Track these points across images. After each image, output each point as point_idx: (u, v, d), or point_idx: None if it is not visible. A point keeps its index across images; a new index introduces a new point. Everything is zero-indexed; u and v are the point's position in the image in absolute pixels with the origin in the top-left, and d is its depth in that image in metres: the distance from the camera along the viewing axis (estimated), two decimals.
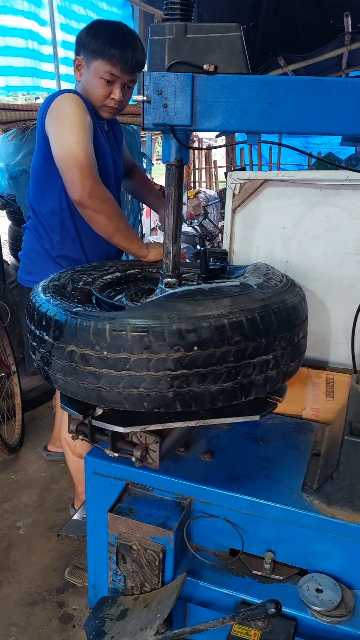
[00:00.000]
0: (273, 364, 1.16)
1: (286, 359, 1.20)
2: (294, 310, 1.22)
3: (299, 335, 1.24)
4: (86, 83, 1.91)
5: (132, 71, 1.88)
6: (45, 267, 2.00)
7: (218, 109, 1.11)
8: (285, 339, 1.18)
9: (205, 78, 1.09)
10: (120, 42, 1.82)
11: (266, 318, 1.14)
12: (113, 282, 1.65)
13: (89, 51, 1.85)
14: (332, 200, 1.64)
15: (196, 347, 1.06)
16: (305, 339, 1.30)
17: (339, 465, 1.20)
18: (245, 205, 1.76)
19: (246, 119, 1.10)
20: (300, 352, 1.27)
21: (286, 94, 1.07)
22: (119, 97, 1.90)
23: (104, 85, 1.88)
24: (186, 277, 1.66)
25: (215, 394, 1.11)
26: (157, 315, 1.09)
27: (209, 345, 1.07)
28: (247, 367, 1.12)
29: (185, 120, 1.12)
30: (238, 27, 1.10)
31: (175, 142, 1.19)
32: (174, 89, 1.10)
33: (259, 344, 1.12)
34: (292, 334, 1.20)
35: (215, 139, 11.11)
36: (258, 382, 1.15)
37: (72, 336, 1.12)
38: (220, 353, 1.08)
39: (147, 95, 1.11)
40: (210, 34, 1.09)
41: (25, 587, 1.97)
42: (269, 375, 1.17)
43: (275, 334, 1.15)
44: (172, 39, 1.09)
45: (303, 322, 1.26)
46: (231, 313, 1.11)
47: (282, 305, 1.19)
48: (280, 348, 1.17)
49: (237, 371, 1.11)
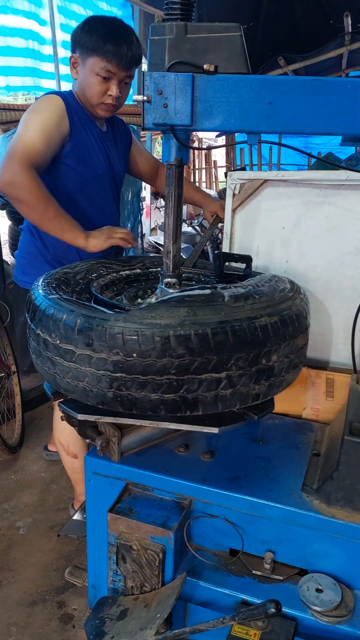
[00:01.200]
0: (226, 383, 1.09)
1: (246, 380, 1.12)
2: (263, 330, 1.11)
3: (269, 358, 1.13)
4: (82, 81, 1.89)
5: (128, 66, 1.86)
6: (40, 267, 1.99)
7: (218, 109, 1.11)
8: (245, 359, 1.09)
9: (205, 78, 1.09)
10: (115, 38, 1.80)
11: (220, 335, 1.06)
12: (129, 278, 1.65)
13: (84, 48, 1.83)
14: (332, 201, 1.64)
15: (135, 354, 1.06)
16: (285, 361, 1.18)
17: (339, 465, 1.20)
18: (245, 205, 1.76)
19: (246, 119, 1.10)
20: (271, 375, 1.16)
21: (286, 94, 1.07)
22: (116, 94, 1.88)
23: (101, 82, 1.86)
24: (204, 280, 1.65)
25: (156, 403, 1.10)
26: (105, 316, 1.11)
27: (150, 354, 1.05)
28: (192, 383, 1.07)
29: (186, 120, 1.12)
30: (238, 27, 1.10)
31: (176, 142, 1.18)
32: (174, 89, 1.10)
33: (207, 361, 1.06)
34: (255, 355, 1.11)
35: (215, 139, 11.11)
36: (206, 399, 1.10)
37: (39, 320, 1.19)
38: (161, 364, 1.05)
39: (147, 95, 1.11)
40: (211, 33, 1.09)
41: (25, 587, 1.97)
42: (220, 395, 1.10)
43: (231, 352, 1.07)
44: (173, 39, 1.09)
45: (279, 344, 1.14)
46: (181, 325, 1.06)
47: (248, 324, 1.10)
48: (237, 368, 1.09)
49: (179, 385, 1.08)
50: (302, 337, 1.23)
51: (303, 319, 1.24)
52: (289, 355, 1.19)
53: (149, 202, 6.77)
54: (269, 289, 1.27)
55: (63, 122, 1.83)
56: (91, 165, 1.95)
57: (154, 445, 1.43)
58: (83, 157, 1.91)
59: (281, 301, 1.22)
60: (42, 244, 2.01)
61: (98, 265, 1.62)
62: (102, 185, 2.03)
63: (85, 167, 1.93)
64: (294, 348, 1.20)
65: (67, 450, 2.13)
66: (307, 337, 1.29)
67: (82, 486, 2.18)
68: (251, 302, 1.18)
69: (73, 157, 1.90)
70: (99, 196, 2.03)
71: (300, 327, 1.22)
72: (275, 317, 1.15)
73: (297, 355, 1.23)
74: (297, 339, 1.20)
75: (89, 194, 1.98)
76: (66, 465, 2.20)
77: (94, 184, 1.98)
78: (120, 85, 1.89)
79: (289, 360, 1.20)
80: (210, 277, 1.65)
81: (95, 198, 2.01)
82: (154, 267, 1.70)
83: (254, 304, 1.18)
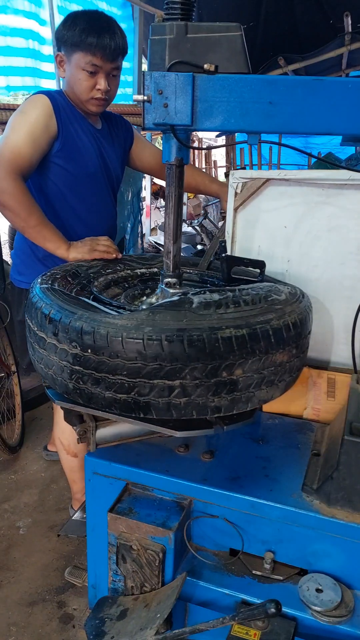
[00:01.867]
0: (179, 392, 1.08)
1: (203, 391, 1.08)
2: (225, 342, 1.06)
3: (231, 371, 1.09)
4: (70, 78, 1.87)
5: (113, 57, 1.83)
6: (34, 267, 1.99)
7: (219, 109, 1.11)
8: (202, 370, 1.06)
9: (205, 78, 1.09)
10: (96, 30, 1.78)
11: (175, 343, 1.04)
12: (143, 277, 1.65)
13: (68, 44, 1.81)
14: (333, 200, 1.64)
15: (90, 350, 1.08)
16: (254, 377, 1.12)
17: (339, 465, 1.20)
18: (247, 204, 1.76)
19: (247, 119, 1.10)
20: (234, 389, 1.11)
21: (287, 94, 1.07)
22: (104, 87, 1.85)
23: (88, 77, 1.83)
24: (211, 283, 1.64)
25: (110, 401, 1.12)
26: (74, 309, 1.16)
27: (102, 352, 1.08)
28: (143, 387, 1.08)
29: (186, 119, 1.12)
30: (239, 27, 1.10)
31: (176, 142, 1.18)
32: (175, 89, 1.10)
33: (159, 367, 1.06)
34: (214, 367, 1.07)
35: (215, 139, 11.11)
36: (158, 404, 1.09)
37: (27, 307, 1.31)
38: (113, 364, 1.07)
39: (147, 95, 1.11)
40: (211, 33, 1.09)
41: (25, 587, 1.97)
42: (173, 402, 1.09)
43: (185, 361, 1.05)
44: (173, 39, 1.09)
45: (245, 358, 1.09)
46: (136, 328, 1.07)
47: (208, 334, 1.06)
48: (192, 378, 1.06)
49: (131, 387, 1.09)
50: (281, 354, 1.15)
51: (283, 335, 1.15)
52: (261, 371, 1.12)
53: (149, 202, 6.77)
54: (253, 299, 1.23)
55: (50, 121, 1.82)
56: (82, 163, 1.93)
57: (154, 445, 1.43)
58: (73, 155, 1.90)
59: (260, 314, 1.16)
60: (32, 243, 2.00)
61: (117, 261, 1.69)
62: (95, 183, 2.01)
63: (75, 165, 1.91)
64: (268, 364, 1.13)
65: (67, 449, 2.13)
66: (295, 354, 1.20)
67: (79, 485, 2.18)
68: (222, 311, 1.15)
69: (62, 156, 1.89)
70: (92, 194, 2.01)
71: (279, 343, 1.14)
72: (243, 330, 1.09)
73: (275, 372, 1.16)
74: (272, 355, 1.13)
75: (80, 193, 1.97)
76: (65, 464, 2.20)
77: (85, 182, 1.96)
78: (108, 78, 1.87)
79: (261, 377, 1.13)
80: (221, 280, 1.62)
81: (87, 196, 1.99)
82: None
83: (224, 314, 1.14)
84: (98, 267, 1.63)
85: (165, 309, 1.15)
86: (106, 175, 2.05)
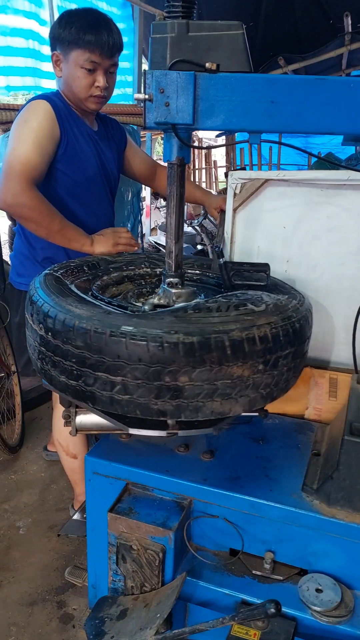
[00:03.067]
0: (120, 388, 1.09)
1: (144, 392, 1.07)
2: (170, 347, 1.04)
3: (174, 377, 1.06)
4: (67, 77, 1.85)
5: (111, 54, 1.82)
6: (32, 268, 1.98)
7: (220, 108, 1.10)
8: (144, 372, 1.06)
9: (207, 76, 1.09)
10: (94, 27, 1.77)
11: (116, 339, 1.05)
12: (160, 276, 1.66)
13: (65, 43, 1.80)
14: (333, 200, 1.64)
15: (50, 334, 1.16)
16: (205, 387, 1.08)
17: (339, 465, 1.20)
18: (246, 205, 1.76)
19: (248, 118, 1.10)
20: (179, 396, 1.08)
21: (288, 93, 1.07)
22: (103, 84, 1.84)
23: (86, 75, 1.82)
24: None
25: (64, 385, 1.18)
26: (52, 295, 1.24)
27: (57, 337, 1.14)
28: (88, 377, 1.11)
29: (188, 119, 1.11)
30: (240, 25, 1.10)
31: (177, 141, 1.18)
32: (176, 88, 1.09)
33: (101, 361, 1.08)
34: (156, 371, 1.06)
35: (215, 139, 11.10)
36: (102, 397, 1.11)
37: (27, 296, 1.35)
38: (65, 349, 1.13)
39: (148, 94, 1.11)
40: (212, 32, 1.09)
41: (25, 587, 1.97)
42: (115, 398, 1.10)
43: (125, 360, 1.06)
44: (174, 37, 1.09)
45: (192, 366, 1.05)
46: (87, 319, 1.10)
47: (153, 337, 1.05)
48: (132, 377, 1.07)
49: (78, 375, 1.12)
50: (240, 368, 1.09)
51: (244, 348, 1.08)
52: (214, 382, 1.08)
53: (149, 202, 6.77)
54: (220, 306, 1.21)
55: (54, 128, 1.81)
56: (81, 167, 1.92)
57: (154, 445, 1.43)
58: (73, 159, 1.89)
59: (222, 322, 1.11)
60: (31, 246, 2.00)
61: (142, 259, 1.71)
62: (94, 187, 2.00)
63: (75, 169, 1.90)
64: (223, 376, 1.08)
65: (66, 450, 2.12)
66: (261, 370, 1.12)
67: (82, 486, 2.18)
68: (180, 315, 1.15)
69: (64, 161, 1.88)
70: (91, 198, 2.00)
71: (237, 356, 1.07)
72: (194, 337, 1.05)
73: (232, 386, 1.09)
74: (229, 367, 1.07)
75: (79, 196, 1.96)
76: (65, 465, 2.19)
77: (84, 186, 1.95)
78: (106, 75, 1.85)
79: (213, 388, 1.08)
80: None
81: (86, 200, 1.98)
82: (198, 269, 1.70)
83: (180, 319, 1.13)
84: (122, 262, 1.68)
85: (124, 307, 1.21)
86: (105, 178, 2.04)
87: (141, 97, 1.11)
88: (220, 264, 1.46)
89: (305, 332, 1.27)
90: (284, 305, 1.26)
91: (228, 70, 1.09)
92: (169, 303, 1.32)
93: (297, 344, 1.20)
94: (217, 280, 1.66)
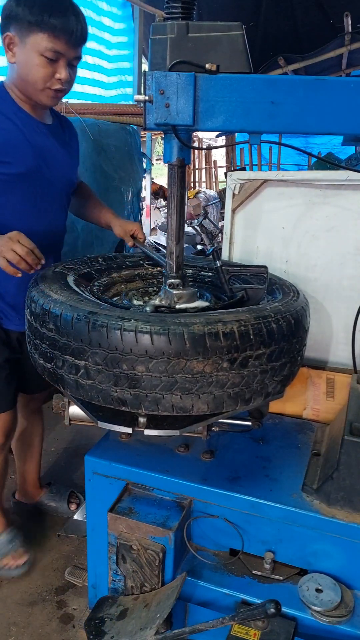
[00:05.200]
0: (83, 373, 1.12)
1: (104, 379, 1.10)
2: (126, 335, 1.06)
3: (132, 366, 1.07)
4: (23, 64, 1.54)
5: (78, 43, 1.55)
6: None
7: (220, 109, 1.11)
8: (102, 357, 1.08)
9: (207, 77, 1.09)
10: (60, 10, 1.48)
11: (80, 323, 1.10)
12: None
13: (23, 23, 1.48)
14: (332, 201, 1.64)
15: (32, 318, 1.25)
16: (162, 378, 1.08)
17: (339, 465, 1.20)
18: (245, 205, 1.76)
19: (249, 119, 1.10)
20: (136, 385, 1.09)
21: (289, 94, 1.07)
22: (65, 77, 1.55)
23: (46, 64, 1.52)
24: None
25: (42, 368, 1.26)
26: (48, 285, 1.31)
27: (36, 320, 1.23)
28: (57, 359, 1.17)
29: (188, 120, 1.11)
30: (240, 26, 1.10)
31: (177, 142, 1.18)
32: (176, 89, 1.09)
33: (67, 344, 1.13)
34: (113, 358, 1.08)
35: (215, 139, 11.10)
36: (69, 380, 1.16)
37: None
38: (40, 331, 1.21)
39: (149, 95, 1.11)
40: (212, 33, 1.09)
41: (25, 587, 1.97)
42: (80, 382, 1.14)
43: (86, 344, 1.10)
44: (174, 38, 1.09)
45: (150, 357, 1.06)
46: (61, 304, 1.18)
47: (113, 323, 1.08)
48: (93, 362, 1.10)
49: (51, 357, 1.19)
50: (201, 363, 1.07)
51: (205, 343, 1.07)
52: (172, 375, 1.07)
53: (148, 202, 6.77)
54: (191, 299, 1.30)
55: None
56: (13, 161, 1.61)
57: (154, 445, 1.43)
58: (2, 153, 1.60)
59: (188, 315, 1.14)
60: None
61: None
62: (30, 185, 1.67)
63: (4, 165, 1.61)
64: (181, 370, 1.07)
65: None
66: (227, 368, 1.10)
67: None
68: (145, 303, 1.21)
69: None
70: (25, 198, 1.67)
71: (197, 350, 1.06)
72: (151, 326, 1.07)
73: (192, 381, 1.08)
74: (187, 361, 1.07)
75: (8, 196, 1.65)
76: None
77: (15, 184, 1.64)
78: (68, 67, 1.57)
79: (172, 381, 1.08)
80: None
81: (16, 200, 1.66)
82: (205, 271, 1.68)
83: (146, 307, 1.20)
84: (138, 257, 1.74)
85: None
86: (48, 176, 1.71)
87: (141, 99, 1.11)
88: (217, 267, 1.44)
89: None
90: (264, 308, 1.23)
91: (228, 71, 1.09)
92: (170, 304, 1.31)
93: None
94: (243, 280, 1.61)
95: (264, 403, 1.23)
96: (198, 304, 1.32)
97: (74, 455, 2.72)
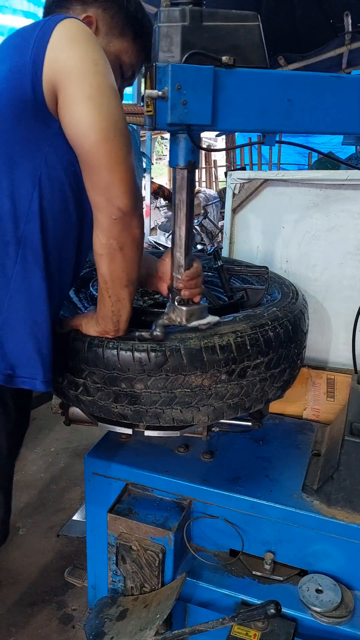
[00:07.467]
0: (83, 390, 1.13)
1: (102, 396, 1.10)
2: (123, 356, 1.05)
3: (130, 384, 1.06)
4: None
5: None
6: None
7: (239, 107, 0.98)
8: (100, 377, 1.08)
9: (227, 72, 0.94)
10: (150, 26, 1.13)
11: (76, 343, 1.11)
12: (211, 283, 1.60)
13: (120, 16, 1.13)
14: (332, 200, 1.64)
15: None
16: (161, 394, 1.07)
17: (339, 465, 1.20)
18: (246, 205, 1.76)
19: (266, 118, 0.99)
20: (135, 402, 1.08)
21: (305, 91, 0.99)
22: None
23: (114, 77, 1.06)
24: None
25: None
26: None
27: None
28: (59, 376, 1.17)
29: (206, 119, 0.95)
30: (256, 16, 0.97)
31: (187, 144, 1.01)
32: (194, 84, 0.92)
33: (64, 363, 1.13)
34: (112, 377, 1.07)
35: (215, 139, 11.11)
36: (70, 395, 1.17)
37: None
38: None
39: (162, 91, 0.92)
40: (227, 22, 0.96)
41: (24, 587, 1.97)
42: (80, 398, 1.15)
43: (83, 364, 1.10)
44: (187, 26, 0.93)
45: (147, 375, 1.05)
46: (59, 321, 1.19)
47: (110, 345, 1.07)
48: (92, 381, 1.10)
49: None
50: (199, 377, 1.06)
51: (203, 358, 1.05)
52: (171, 390, 1.06)
53: (148, 201, 6.76)
54: None
55: None
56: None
57: (154, 445, 1.43)
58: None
59: (183, 331, 1.10)
60: None
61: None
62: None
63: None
64: (180, 385, 1.06)
65: None
66: (225, 380, 1.08)
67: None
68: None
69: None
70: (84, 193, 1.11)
71: (194, 365, 1.05)
72: (146, 345, 1.06)
73: (192, 395, 1.07)
74: (186, 376, 1.05)
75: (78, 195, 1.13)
76: None
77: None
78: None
79: (171, 396, 1.07)
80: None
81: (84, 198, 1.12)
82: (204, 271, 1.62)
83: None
84: None
85: None
86: None
87: (154, 94, 0.93)
88: (218, 267, 1.41)
89: None
90: (260, 315, 1.19)
91: (244, 65, 0.96)
92: (181, 322, 1.11)
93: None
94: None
95: None
96: (210, 319, 1.12)
97: (73, 455, 2.72)
